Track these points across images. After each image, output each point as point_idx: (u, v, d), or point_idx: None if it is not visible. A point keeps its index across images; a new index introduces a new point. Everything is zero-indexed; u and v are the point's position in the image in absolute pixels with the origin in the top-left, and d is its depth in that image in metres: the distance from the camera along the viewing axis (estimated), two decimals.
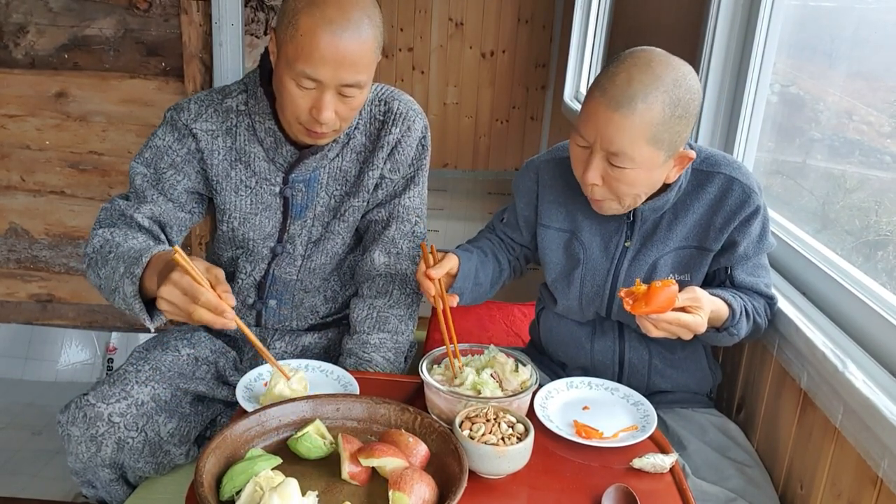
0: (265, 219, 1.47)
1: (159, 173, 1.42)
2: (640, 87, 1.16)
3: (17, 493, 2.09)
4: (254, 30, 3.15)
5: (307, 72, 1.23)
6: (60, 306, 2.70)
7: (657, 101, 1.16)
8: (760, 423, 1.44)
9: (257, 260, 1.53)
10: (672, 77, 1.18)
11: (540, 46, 4.84)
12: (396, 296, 1.52)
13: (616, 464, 1.15)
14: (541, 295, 1.55)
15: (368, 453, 1.02)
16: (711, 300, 1.23)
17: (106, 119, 2.50)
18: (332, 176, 1.47)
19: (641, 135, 1.17)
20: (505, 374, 1.23)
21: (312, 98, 1.27)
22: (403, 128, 1.46)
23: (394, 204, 1.50)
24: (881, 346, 1.19)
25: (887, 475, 1.02)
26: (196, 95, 1.44)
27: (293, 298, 1.58)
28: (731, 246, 1.32)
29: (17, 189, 2.58)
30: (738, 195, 1.29)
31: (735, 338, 1.30)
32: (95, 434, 1.37)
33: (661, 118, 1.17)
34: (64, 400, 1.35)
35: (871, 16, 1.58)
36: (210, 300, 1.09)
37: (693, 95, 1.20)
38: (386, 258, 1.51)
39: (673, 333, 1.20)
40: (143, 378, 1.42)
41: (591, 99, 1.22)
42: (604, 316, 1.42)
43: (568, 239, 1.42)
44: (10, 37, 2.42)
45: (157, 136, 1.43)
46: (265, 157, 1.43)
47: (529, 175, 1.45)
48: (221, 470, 1.01)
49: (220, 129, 1.42)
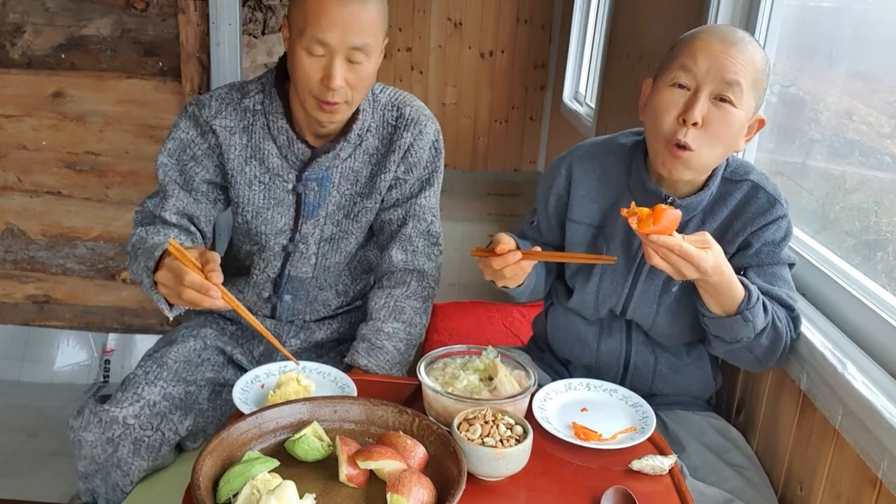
0: (277, 214, 1.52)
1: (182, 164, 1.49)
2: (744, 34, 1.24)
3: (13, 496, 2.08)
4: (251, 29, 3.14)
5: (317, 36, 1.30)
6: (57, 307, 2.70)
7: (758, 49, 1.23)
8: (760, 425, 1.44)
9: (270, 258, 1.57)
10: (755, 41, 1.25)
11: (539, 47, 4.83)
12: (414, 287, 1.56)
13: (615, 465, 1.15)
14: (552, 289, 1.53)
15: (366, 455, 1.01)
16: (725, 259, 1.18)
17: (103, 119, 2.49)
18: (344, 176, 1.51)
19: (752, 73, 1.21)
20: (502, 376, 1.23)
21: (323, 66, 1.33)
22: (415, 132, 1.51)
23: (410, 203, 1.55)
24: (881, 348, 1.18)
25: (887, 476, 1.02)
26: (217, 92, 1.51)
27: (308, 294, 1.63)
28: (745, 247, 1.30)
29: (13, 190, 2.57)
30: (763, 203, 1.29)
31: (750, 326, 1.20)
32: (112, 437, 1.42)
33: (763, 65, 1.23)
34: (61, 401, 1.35)
35: (871, 16, 1.58)
36: (194, 280, 1.17)
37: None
38: (403, 255, 1.56)
39: (674, 266, 1.13)
40: (151, 378, 1.47)
41: (696, 40, 1.23)
42: (618, 314, 1.41)
43: (595, 234, 1.41)
44: (7, 37, 2.41)
45: (179, 128, 1.49)
46: (279, 154, 1.48)
47: (561, 171, 1.43)
48: (218, 472, 1.00)
49: (238, 127, 1.48)
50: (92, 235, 2.61)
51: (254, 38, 3.15)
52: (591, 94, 3.64)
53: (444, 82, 4.93)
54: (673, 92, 1.24)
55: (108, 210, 2.58)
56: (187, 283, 1.17)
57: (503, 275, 1.24)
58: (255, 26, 3.18)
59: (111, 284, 2.67)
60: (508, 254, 1.21)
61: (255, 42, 3.17)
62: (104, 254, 2.63)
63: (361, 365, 1.45)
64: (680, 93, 1.23)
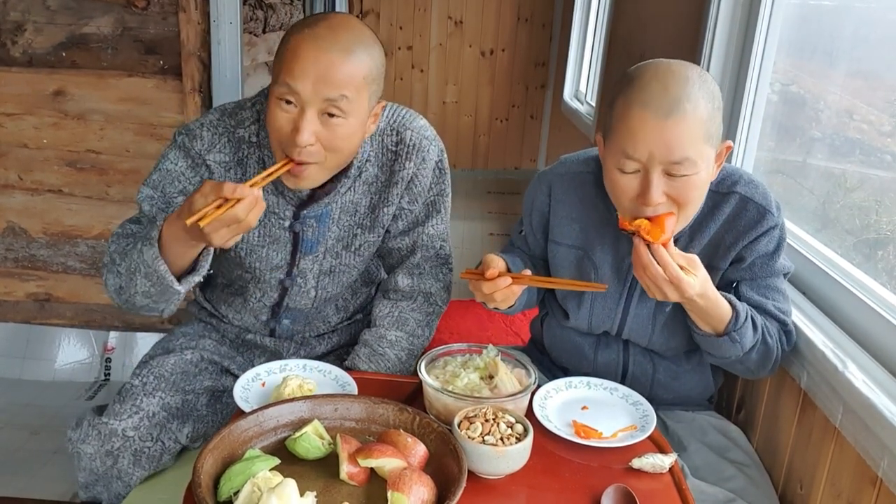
0: (273, 251, 1.45)
1: (168, 198, 1.37)
2: (678, 89, 1.13)
3: (15, 493, 2.08)
4: (252, 28, 3.13)
5: (288, 82, 1.21)
6: (58, 305, 2.70)
7: (699, 97, 1.14)
8: (760, 423, 1.44)
9: (266, 289, 1.51)
10: (696, 74, 1.17)
11: (539, 45, 4.83)
12: (420, 302, 1.53)
13: (615, 464, 1.15)
14: (545, 300, 1.51)
15: (367, 454, 1.01)
16: (711, 284, 1.19)
17: (104, 117, 2.49)
18: (343, 209, 1.43)
19: (698, 134, 1.13)
20: (502, 374, 1.23)
21: (293, 119, 1.23)
22: (418, 161, 1.42)
23: (417, 233, 1.49)
24: (881, 346, 1.18)
25: (887, 475, 1.02)
26: (208, 120, 1.39)
27: (307, 318, 1.59)
28: (738, 261, 1.28)
29: (14, 188, 2.57)
30: (752, 215, 1.26)
31: (738, 346, 1.22)
32: (111, 449, 1.39)
33: (708, 113, 1.14)
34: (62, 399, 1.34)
35: (872, 14, 1.57)
36: (232, 189, 1.10)
37: (716, 86, 1.19)
38: (409, 280, 1.52)
39: (660, 288, 1.14)
40: (149, 389, 1.44)
41: (629, 118, 1.15)
42: (612, 335, 1.40)
43: (580, 257, 1.37)
44: (8, 35, 2.41)
45: (168, 159, 1.38)
46: (275, 191, 1.39)
47: (542, 189, 1.40)
48: (219, 471, 1.00)
49: (232, 161, 1.38)
50: (93, 234, 2.61)
51: (254, 36, 3.15)
52: (591, 92, 3.64)
53: (444, 81, 4.93)
54: (623, 176, 1.18)
55: (109, 208, 2.58)
56: (236, 193, 1.10)
57: (493, 298, 1.25)
58: (256, 24, 3.18)
59: None
60: (498, 279, 1.21)
61: (256, 40, 3.17)
62: (105, 252, 2.63)
63: (362, 370, 1.44)
64: (631, 176, 1.17)
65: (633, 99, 1.15)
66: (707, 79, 1.18)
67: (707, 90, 1.16)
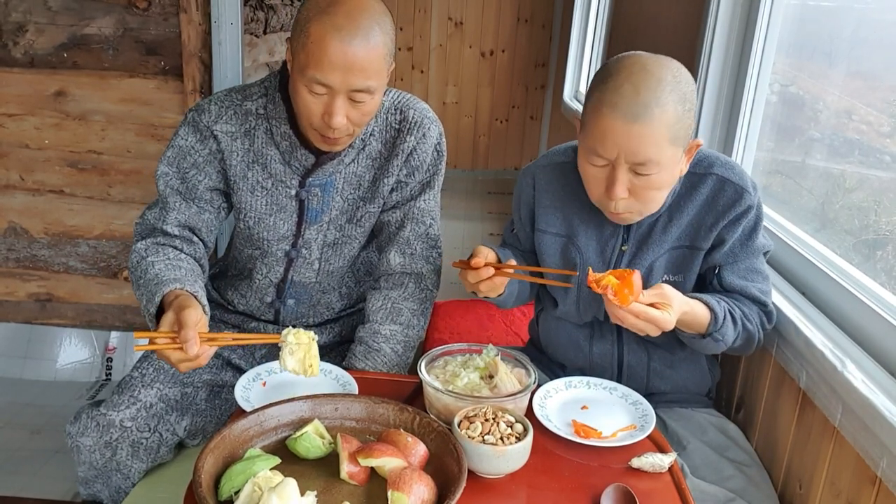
0: (280, 220, 1.50)
1: (182, 172, 1.46)
2: (649, 93, 1.17)
3: (16, 493, 2.08)
4: (253, 29, 3.14)
5: (318, 77, 1.27)
6: (59, 305, 2.70)
7: (669, 101, 1.17)
8: (759, 423, 1.44)
9: (273, 263, 1.55)
10: (671, 75, 1.19)
11: (539, 46, 4.83)
12: (412, 289, 1.54)
13: (615, 463, 1.15)
14: (539, 296, 1.55)
15: (367, 453, 1.02)
16: (685, 300, 1.22)
17: (105, 118, 2.49)
18: (347, 181, 1.49)
19: (664, 138, 1.18)
20: (502, 374, 1.23)
21: (324, 104, 1.30)
22: (418, 135, 1.49)
23: (409, 206, 1.53)
24: (880, 346, 1.19)
25: (886, 475, 1.02)
26: (216, 95, 1.47)
27: (311, 298, 1.62)
28: (719, 244, 1.32)
29: (16, 188, 2.58)
30: (730, 195, 1.30)
31: (721, 344, 1.28)
32: (110, 440, 1.41)
33: (676, 117, 1.18)
34: (63, 399, 1.35)
35: (871, 15, 1.58)
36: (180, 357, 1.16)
37: (692, 87, 1.22)
38: (401, 258, 1.54)
39: (639, 329, 1.19)
40: (147, 381, 1.47)
41: (600, 117, 1.20)
42: (601, 320, 1.42)
43: (564, 244, 1.41)
44: (10, 36, 2.41)
45: (179, 136, 1.46)
46: (281, 160, 1.46)
47: (527, 181, 1.45)
48: (220, 470, 1.01)
49: (239, 132, 1.45)
50: (94, 234, 2.62)
51: (255, 37, 3.15)
52: None
53: (444, 81, 4.93)
54: (592, 169, 1.25)
55: (111, 209, 2.59)
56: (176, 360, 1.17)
57: (479, 288, 1.31)
58: (257, 25, 3.18)
59: (113, 283, 2.67)
60: (482, 269, 1.27)
61: (257, 41, 3.18)
62: (106, 252, 2.64)
63: (359, 369, 1.45)
64: (599, 169, 1.24)
65: (605, 99, 1.20)
66: (682, 79, 1.20)
67: (679, 92, 1.19)
